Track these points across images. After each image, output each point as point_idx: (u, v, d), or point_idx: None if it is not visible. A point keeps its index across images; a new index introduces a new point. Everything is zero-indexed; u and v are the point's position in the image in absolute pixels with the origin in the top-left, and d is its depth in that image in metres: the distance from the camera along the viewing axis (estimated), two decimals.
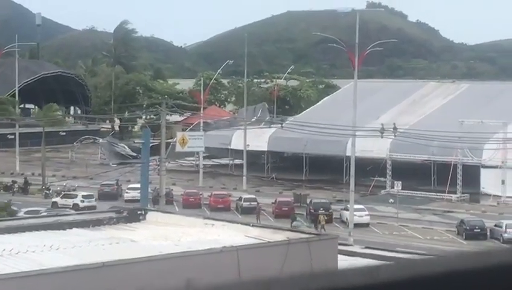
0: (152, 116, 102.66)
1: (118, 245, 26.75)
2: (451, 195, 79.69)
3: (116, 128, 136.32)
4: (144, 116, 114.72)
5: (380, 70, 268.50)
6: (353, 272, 1.86)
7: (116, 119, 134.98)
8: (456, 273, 1.85)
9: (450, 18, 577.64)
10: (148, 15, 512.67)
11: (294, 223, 62.76)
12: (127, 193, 76.66)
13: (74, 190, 78.71)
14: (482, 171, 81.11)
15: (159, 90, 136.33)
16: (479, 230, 62.42)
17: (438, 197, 79.83)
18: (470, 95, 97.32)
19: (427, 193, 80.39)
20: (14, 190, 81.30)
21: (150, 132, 64.16)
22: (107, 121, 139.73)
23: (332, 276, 1.87)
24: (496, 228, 62.43)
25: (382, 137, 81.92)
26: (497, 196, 78.35)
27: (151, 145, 58.85)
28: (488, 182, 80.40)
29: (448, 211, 74.00)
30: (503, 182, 78.15)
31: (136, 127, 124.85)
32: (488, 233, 62.36)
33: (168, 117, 74.70)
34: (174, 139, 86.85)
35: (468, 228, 62.76)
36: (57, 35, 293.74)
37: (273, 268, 24.86)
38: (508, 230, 61.07)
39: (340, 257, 27.96)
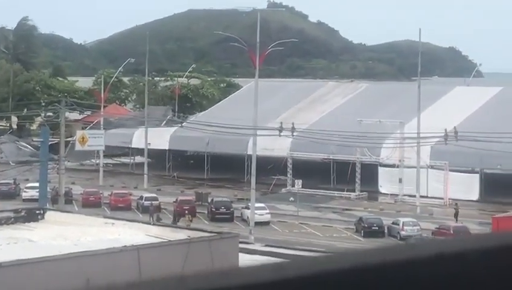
0: (51, 114, 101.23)
1: (15, 245, 26.37)
2: (350, 193, 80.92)
3: (14, 126, 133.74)
4: (42, 114, 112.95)
5: (281, 70, 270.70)
6: (258, 269, 1.92)
7: (13, 117, 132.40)
8: (355, 269, 1.92)
9: (349, 19, 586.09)
10: (47, 11, 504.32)
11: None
12: (25, 192, 75.33)
13: None
14: (380, 169, 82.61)
15: (58, 88, 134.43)
16: (376, 228, 63.58)
17: (338, 195, 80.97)
18: (368, 95, 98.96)
19: (326, 191, 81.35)
20: None
21: (49, 130, 63.21)
22: (4, 120, 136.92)
23: (239, 273, 1.93)
24: (393, 225, 63.70)
25: (280, 136, 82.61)
26: (395, 194, 79.91)
27: (50, 143, 58.02)
28: (386, 180, 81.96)
29: (347, 209, 75.08)
30: (400, 180, 79.72)
31: (34, 125, 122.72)
32: (386, 231, 63.59)
33: (67, 115, 73.68)
34: (74, 138, 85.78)
35: (366, 225, 63.85)
36: None
37: (174, 267, 24.88)
38: (404, 227, 62.42)
39: (241, 255, 28.18)
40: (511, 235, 2.05)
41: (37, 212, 32.73)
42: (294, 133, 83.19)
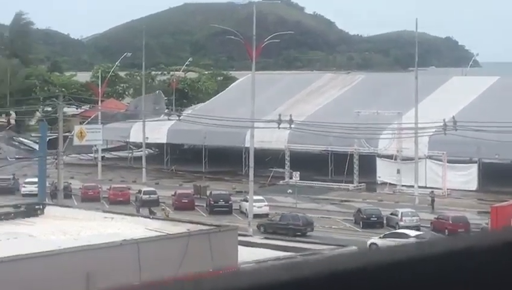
0: (49, 109, 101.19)
1: (15, 240, 26.43)
2: (348, 185, 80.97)
3: (12, 122, 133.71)
4: (40, 110, 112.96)
5: (278, 62, 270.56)
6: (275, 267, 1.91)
7: (12, 112, 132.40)
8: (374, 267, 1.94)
9: (345, 10, 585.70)
10: (43, 6, 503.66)
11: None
12: (24, 187, 75.39)
13: None
14: (378, 160, 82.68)
15: (56, 83, 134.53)
16: (375, 219, 63.63)
17: (336, 186, 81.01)
18: (365, 86, 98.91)
19: (324, 183, 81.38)
20: None
21: (47, 126, 63.24)
22: (3, 115, 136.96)
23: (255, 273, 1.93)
24: (392, 216, 63.74)
25: (279, 128, 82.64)
26: (393, 184, 79.97)
27: (48, 138, 58.05)
28: (384, 171, 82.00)
29: (346, 201, 75.14)
30: (398, 171, 79.79)
31: (33, 120, 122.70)
32: (385, 221, 63.66)
33: (65, 110, 73.69)
34: (72, 133, 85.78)
35: (365, 216, 63.91)
36: None
37: (174, 260, 24.98)
38: (403, 218, 62.45)
39: (240, 247, 28.27)
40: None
41: (37, 207, 32.81)
42: (292, 125, 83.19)
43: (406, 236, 54.02)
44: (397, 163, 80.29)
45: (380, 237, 55.11)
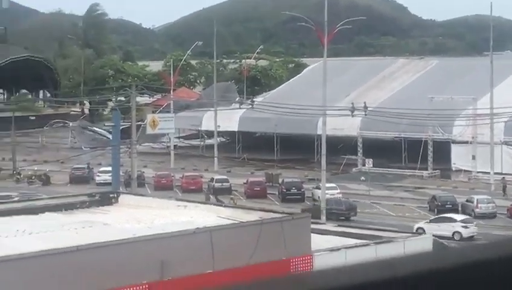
0: (122, 98, 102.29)
1: (91, 229, 26.70)
2: (422, 171, 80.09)
3: (86, 111, 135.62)
4: (114, 99, 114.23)
5: (349, 48, 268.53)
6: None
7: (86, 102, 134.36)
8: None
9: None
10: None
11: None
12: (98, 176, 76.35)
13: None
14: (453, 147, 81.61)
15: (128, 73, 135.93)
16: (450, 206, 62.83)
17: (409, 173, 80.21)
18: (439, 72, 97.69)
19: (398, 170, 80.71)
20: None
21: (120, 115, 63.83)
22: (77, 105, 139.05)
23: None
24: (468, 203, 62.86)
25: (352, 116, 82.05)
26: (468, 171, 78.86)
27: (121, 127, 58.57)
28: (459, 157, 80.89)
29: (420, 188, 74.41)
30: (473, 157, 78.66)
31: (106, 110, 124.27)
32: (460, 208, 62.81)
33: (138, 99, 74.33)
34: (145, 122, 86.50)
35: (439, 203, 63.17)
36: (24, 19, 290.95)
37: (246, 248, 24.93)
38: (479, 205, 61.54)
39: (313, 235, 28.09)
40: None
41: (111, 196, 33.09)
42: (366, 112, 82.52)
43: (452, 220, 54.82)
44: (472, 149, 79.13)
45: (427, 222, 55.22)
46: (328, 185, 63.74)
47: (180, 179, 75.46)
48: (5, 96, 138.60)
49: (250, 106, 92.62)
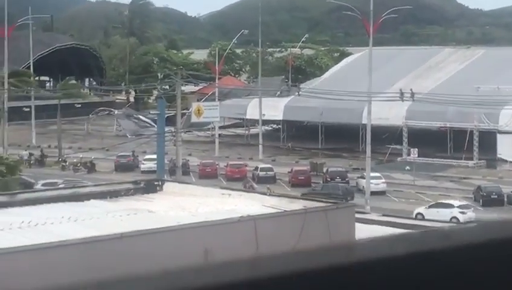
0: (167, 87, 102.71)
1: (135, 216, 26.80)
2: (467, 161, 79.39)
3: (132, 99, 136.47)
4: (159, 87, 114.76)
5: (395, 38, 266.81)
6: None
7: (131, 90, 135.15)
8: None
9: None
10: None
11: None
12: (143, 164, 76.75)
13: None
14: (499, 137, 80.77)
15: (174, 61, 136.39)
16: (496, 196, 62.23)
17: (455, 163, 79.56)
18: (485, 61, 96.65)
19: (443, 160, 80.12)
20: (31, 162, 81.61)
21: (165, 103, 64.09)
22: (123, 93, 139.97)
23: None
24: None
25: (403, 101, 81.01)
26: None
27: (166, 116, 58.79)
28: (505, 147, 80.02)
29: (465, 178, 73.77)
30: None
31: (151, 98, 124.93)
32: (505, 199, 62.17)
33: (183, 88, 74.58)
34: (190, 110, 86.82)
35: (485, 194, 62.59)
36: (70, 7, 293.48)
37: (290, 237, 24.86)
38: None
39: (357, 225, 27.95)
40: None
41: (156, 183, 33.19)
42: (414, 100, 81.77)
43: (451, 206, 55.77)
44: None
45: (426, 207, 56.09)
46: (372, 174, 63.50)
47: (224, 167, 75.58)
48: (52, 84, 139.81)
49: (297, 94, 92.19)
